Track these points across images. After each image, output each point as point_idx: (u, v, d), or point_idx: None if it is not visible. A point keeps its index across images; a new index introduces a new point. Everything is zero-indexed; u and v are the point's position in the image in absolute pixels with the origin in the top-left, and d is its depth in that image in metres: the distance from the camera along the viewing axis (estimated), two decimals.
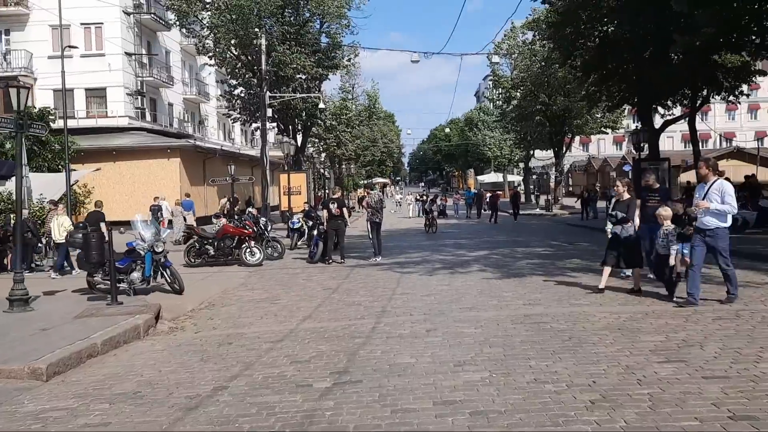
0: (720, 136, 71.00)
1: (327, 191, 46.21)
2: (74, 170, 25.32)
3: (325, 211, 16.15)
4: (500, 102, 48.83)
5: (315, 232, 16.68)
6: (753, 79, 25.11)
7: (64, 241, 14.22)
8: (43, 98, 33.80)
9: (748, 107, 77.35)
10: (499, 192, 41.56)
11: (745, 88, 25.45)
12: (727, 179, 9.26)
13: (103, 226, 15.08)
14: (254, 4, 27.59)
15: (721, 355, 5.95)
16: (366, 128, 57.52)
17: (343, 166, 58.93)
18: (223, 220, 18.03)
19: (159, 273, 12.09)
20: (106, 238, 15.74)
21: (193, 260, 16.52)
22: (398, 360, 6.30)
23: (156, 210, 24.91)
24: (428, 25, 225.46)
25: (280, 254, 17.56)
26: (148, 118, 37.57)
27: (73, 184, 23.25)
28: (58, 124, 32.17)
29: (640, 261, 9.81)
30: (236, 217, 20.10)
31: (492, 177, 72.69)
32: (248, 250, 16.19)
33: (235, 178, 25.25)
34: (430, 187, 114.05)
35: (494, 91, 52.44)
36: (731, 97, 25.23)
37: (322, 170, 61.57)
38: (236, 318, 9.48)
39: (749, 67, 23.93)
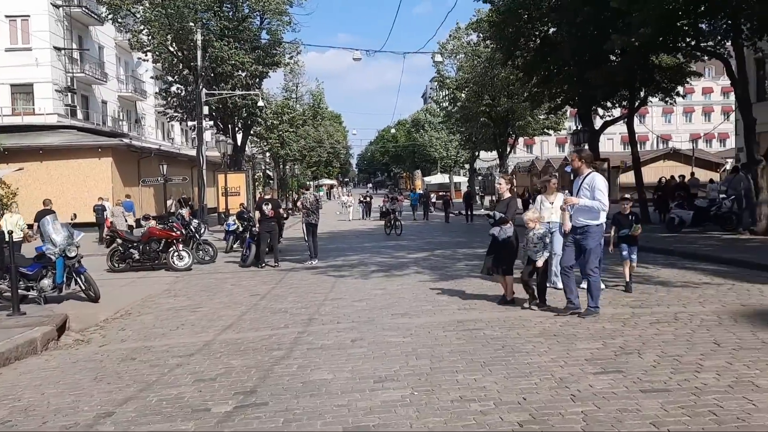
0: (657, 137, 73.00)
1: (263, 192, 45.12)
2: None
3: (258, 212, 15.41)
4: (445, 103, 48.77)
5: (247, 235, 15.90)
6: (688, 80, 25.53)
7: (19, 239, 14.02)
8: None
9: (683, 110, 79.96)
10: (448, 193, 41.47)
11: (680, 89, 25.85)
12: (598, 171, 8.68)
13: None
14: None
15: (660, 363, 5.56)
16: (311, 128, 56.67)
17: (288, 167, 57.95)
18: (153, 222, 17.07)
19: (73, 280, 11.20)
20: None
21: (116, 265, 15.56)
22: (314, 376, 5.69)
23: (100, 210, 23.93)
24: (376, 27, 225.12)
25: (212, 258, 16.72)
26: (80, 116, 35.88)
27: None
28: None
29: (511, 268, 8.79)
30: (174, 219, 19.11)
31: (438, 178, 72.78)
32: (176, 253, 15.31)
33: (167, 179, 24.14)
34: (377, 188, 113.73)
35: (439, 92, 52.40)
36: (667, 98, 25.59)
37: (267, 171, 60.39)
38: (150, 329, 8.70)
39: (684, 68, 24.31)
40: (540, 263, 8.24)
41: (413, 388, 5.16)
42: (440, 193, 55.28)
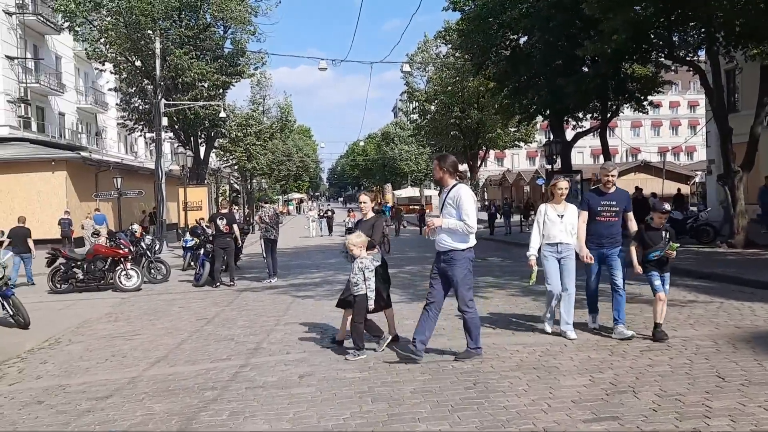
0: (627, 150, 73.48)
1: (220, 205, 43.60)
2: None
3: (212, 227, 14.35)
4: (415, 115, 48.18)
5: (201, 251, 14.80)
6: (661, 90, 25.17)
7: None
8: None
9: (651, 124, 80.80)
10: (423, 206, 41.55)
11: (652, 99, 25.51)
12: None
13: (30, 242, 15.86)
14: (147, 5, 25.47)
15: (662, 406, 4.68)
16: (279, 141, 55.57)
17: (255, 181, 56.67)
18: (102, 239, 15.90)
19: (1, 304, 10.07)
20: (34, 255, 15.67)
21: (58, 286, 14.36)
22: (246, 427, 4.69)
23: (66, 224, 23.08)
24: (347, 43, 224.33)
25: (165, 277, 15.59)
26: (34, 128, 34.30)
27: None
28: None
29: (387, 301, 7.40)
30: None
31: (409, 191, 72.19)
32: (123, 273, 14.15)
33: (122, 192, 22.91)
34: (346, 202, 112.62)
35: (409, 104, 51.86)
36: (640, 109, 25.22)
37: (235, 185, 59.05)
38: (74, 361, 7.60)
39: (656, 78, 23.95)
40: (372, 303, 6.63)
41: None
42: (411, 207, 54.77)
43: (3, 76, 31.48)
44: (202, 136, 32.95)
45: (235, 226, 14.40)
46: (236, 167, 49.80)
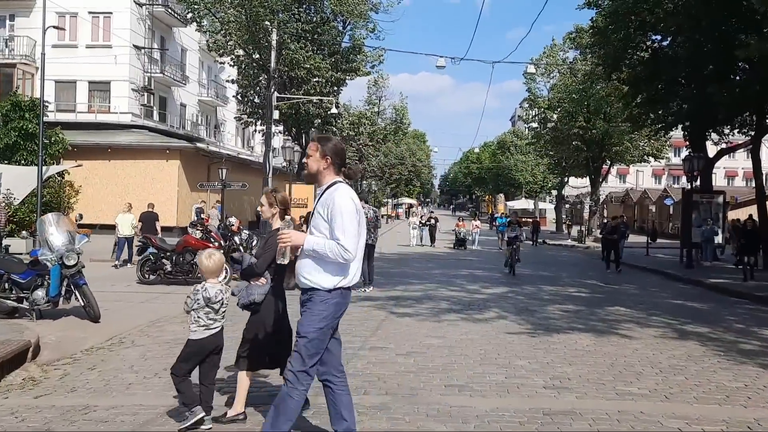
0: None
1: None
2: (52, 164, 22.94)
3: (305, 226, 13.14)
4: (535, 124, 45.58)
5: None
6: None
7: (131, 235, 16.78)
8: (45, 88, 31.63)
9: None
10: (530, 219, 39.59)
11: None
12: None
13: (158, 226, 16.82)
14: None
15: None
16: (392, 144, 54.80)
17: (366, 182, 56.17)
18: (198, 232, 15.19)
19: (72, 293, 9.28)
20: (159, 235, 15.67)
21: (146, 276, 13.72)
22: None
23: (199, 212, 23.27)
24: (470, 52, 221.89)
25: None
26: (156, 117, 35.12)
27: (45, 180, 20.66)
28: (58, 117, 30.12)
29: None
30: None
31: (522, 203, 69.07)
32: None
33: (225, 184, 22.45)
34: (456, 210, 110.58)
35: (530, 111, 49.29)
36: None
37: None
38: (120, 372, 6.47)
39: None
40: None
41: None
42: (524, 219, 52.15)
43: (130, 65, 32.33)
44: (313, 132, 32.39)
45: None
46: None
